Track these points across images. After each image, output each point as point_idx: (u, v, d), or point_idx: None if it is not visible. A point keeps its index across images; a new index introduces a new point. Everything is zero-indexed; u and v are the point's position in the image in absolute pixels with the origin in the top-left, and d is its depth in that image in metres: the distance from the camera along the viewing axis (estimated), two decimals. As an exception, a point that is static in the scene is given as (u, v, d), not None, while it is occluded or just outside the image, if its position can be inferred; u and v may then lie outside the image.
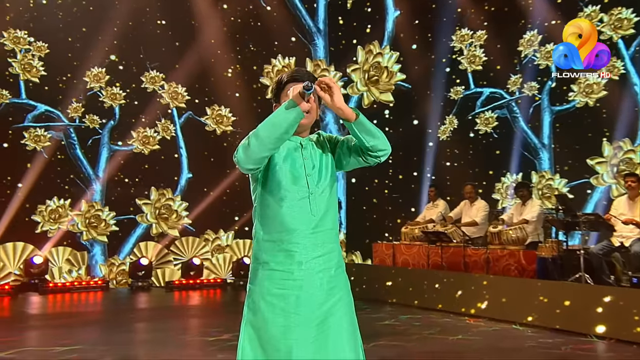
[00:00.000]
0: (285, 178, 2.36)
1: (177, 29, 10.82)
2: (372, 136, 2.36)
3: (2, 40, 9.56)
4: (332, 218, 2.40)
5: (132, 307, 8.22)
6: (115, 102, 10.41)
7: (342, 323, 2.35)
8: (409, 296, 7.76)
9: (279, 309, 2.29)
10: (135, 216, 10.53)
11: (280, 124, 2.23)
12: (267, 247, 2.37)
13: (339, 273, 2.38)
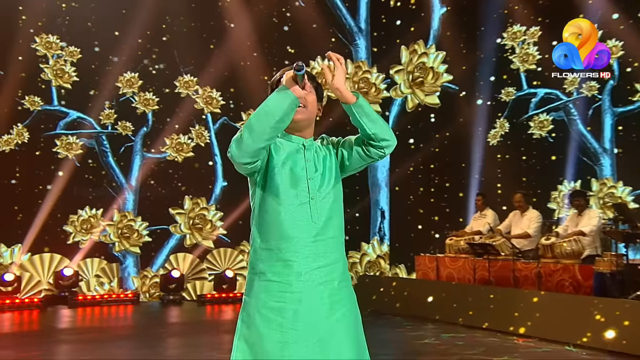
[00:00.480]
0: (284, 181, 2.33)
1: (210, 31, 11.06)
2: (373, 122, 2.34)
3: (34, 45, 9.96)
4: (336, 226, 2.36)
5: (162, 321, 8.42)
6: (148, 107, 10.70)
7: (345, 342, 2.28)
8: (453, 313, 7.67)
9: (275, 323, 2.23)
10: (169, 226, 10.76)
11: (273, 112, 2.19)
12: (264, 256, 2.32)
13: (343, 286, 2.33)
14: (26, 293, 9.44)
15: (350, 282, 2.41)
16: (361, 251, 11.71)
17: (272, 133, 2.21)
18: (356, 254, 11.68)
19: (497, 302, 7.21)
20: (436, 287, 8.28)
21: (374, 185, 11.93)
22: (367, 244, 11.77)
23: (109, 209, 10.37)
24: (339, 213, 2.39)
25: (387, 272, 11.64)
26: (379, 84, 11.82)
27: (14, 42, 9.79)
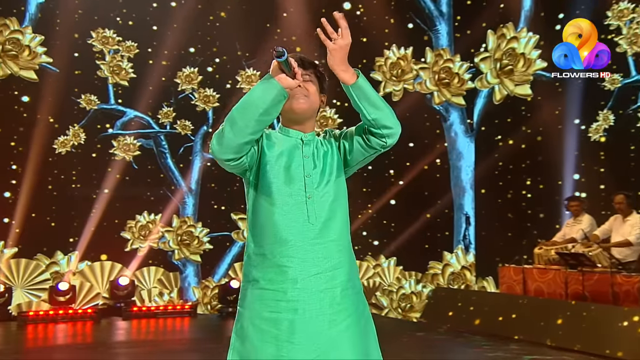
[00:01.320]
0: (278, 179, 2.34)
1: (273, 22, 11.29)
2: (374, 107, 2.32)
3: (90, 41, 10.51)
4: (337, 227, 2.34)
5: (220, 335, 8.64)
6: (208, 105, 11.07)
7: (350, 356, 2.24)
8: (539, 332, 7.54)
9: (269, 336, 2.22)
10: (231, 233, 11.08)
11: (256, 103, 2.19)
12: (257, 262, 2.32)
13: (348, 294, 2.29)
14: (82, 303, 9.98)
15: (357, 289, 2.37)
16: (443, 261, 11.61)
17: (256, 127, 2.21)
18: (437, 264, 11.60)
19: (592, 321, 7.04)
20: (521, 302, 8.17)
21: (457, 187, 11.81)
22: (450, 253, 11.66)
23: (168, 214, 10.79)
24: (341, 213, 2.37)
25: (473, 286, 11.48)
26: (463, 73, 11.69)
27: (70, 38, 10.35)
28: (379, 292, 11.31)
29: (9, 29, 9.99)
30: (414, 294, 11.48)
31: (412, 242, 11.54)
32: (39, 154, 10.05)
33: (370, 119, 2.32)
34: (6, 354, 7.36)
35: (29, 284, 9.87)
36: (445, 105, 11.77)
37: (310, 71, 2.44)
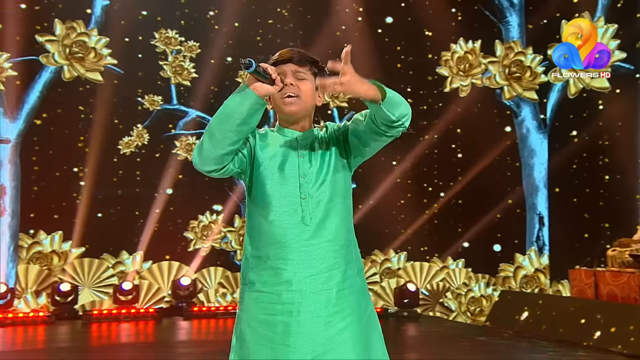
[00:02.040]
0: (273, 180, 2.33)
1: (332, 19, 11.28)
2: (397, 106, 2.23)
3: (153, 42, 10.73)
4: (334, 228, 2.31)
5: None
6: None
7: (349, 357, 2.22)
8: (610, 339, 7.24)
9: (265, 338, 2.24)
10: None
11: (233, 114, 2.16)
12: (254, 265, 2.33)
13: (345, 295, 2.28)
14: (145, 303, 10.21)
15: (357, 288, 2.35)
16: (515, 264, 11.39)
17: (234, 137, 2.19)
18: (509, 266, 11.37)
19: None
20: (591, 307, 7.87)
21: (529, 185, 11.55)
22: (523, 255, 11.41)
23: (229, 214, 11.00)
24: (338, 213, 2.34)
25: (548, 289, 11.23)
26: (535, 66, 11.44)
27: (134, 40, 10.63)
28: (447, 295, 11.20)
29: (75, 31, 10.33)
30: (483, 297, 11.29)
31: (481, 243, 11.34)
32: (104, 155, 10.33)
33: (395, 118, 2.23)
34: (72, 352, 7.62)
35: (95, 283, 10.25)
36: (516, 100, 11.54)
37: (306, 68, 2.40)
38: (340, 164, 2.40)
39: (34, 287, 9.94)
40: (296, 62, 2.38)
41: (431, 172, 11.52)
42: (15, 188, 10.08)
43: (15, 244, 9.99)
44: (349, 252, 2.36)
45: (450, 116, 11.50)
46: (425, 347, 8.49)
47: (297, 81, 2.37)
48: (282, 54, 2.40)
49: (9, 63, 10.07)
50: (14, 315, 9.29)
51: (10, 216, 10.02)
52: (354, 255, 2.40)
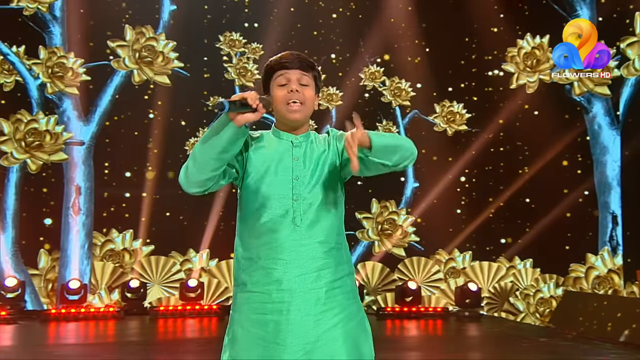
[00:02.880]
0: (265, 182, 2.32)
1: (392, 16, 11.10)
2: (393, 153, 2.25)
3: (218, 44, 10.79)
4: (324, 229, 2.32)
5: None
6: (331, 103, 11.06)
7: (336, 356, 2.23)
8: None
9: (257, 337, 2.26)
10: (355, 232, 10.98)
11: (214, 143, 2.17)
12: (245, 266, 2.34)
13: (334, 295, 2.29)
14: (210, 299, 10.25)
15: (347, 289, 2.34)
16: (587, 264, 10.78)
17: (216, 164, 2.21)
18: (580, 267, 10.81)
19: None
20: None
21: (602, 184, 10.95)
22: (595, 255, 10.82)
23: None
24: (329, 215, 2.35)
25: (622, 291, 10.57)
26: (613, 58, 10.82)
27: (199, 43, 10.71)
28: (514, 295, 10.72)
29: (144, 36, 10.50)
30: (553, 298, 10.78)
31: (551, 243, 10.86)
32: (172, 156, 10.43)
33: (391, 164, 2.27)
34: (140, 345, 7.75)
35: (164, 280, 10.32)
36: (587, 95, 10.93)
37: (309, 75, 2.40)
38: (334, 169, 2.40)
39: (107, 284, 10.08)
40: (300, 68, 2.38)
41: (497, 170, 11.16)
42: (89, 188, 10.34)
43: (89, 242, 10.23)
44: (339, 254, 2.37)
45: (516, 113, 11.16)
46: (483, 347, 8.32)
47: (301, 88, 2.36)
48: (285, 59, 2.40)
49: (83, 68, 10.37)
50: (86, 310, 9.55)
51: (84, 215, 10.26)
52: (344, 257, 2.40)
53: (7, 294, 9.37)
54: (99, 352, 7.34)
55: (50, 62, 10.14)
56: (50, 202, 10.22)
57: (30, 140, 10.01)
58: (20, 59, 10.09)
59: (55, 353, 7.33)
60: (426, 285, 10.74)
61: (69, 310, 9.41)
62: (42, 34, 10.21)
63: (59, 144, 10.13)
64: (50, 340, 8.20)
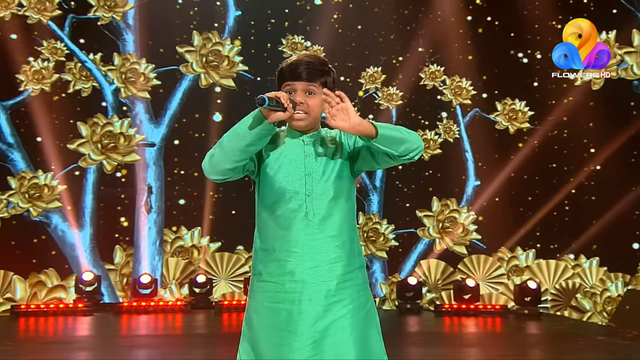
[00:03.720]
0: (279, 179, 2.42)
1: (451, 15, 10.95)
2: (400, 143, 2.30)
3: (281, 47, 10.89)
4: (336, 223, 2.40)
5: (400, 329, 8.63)
6: (392, 103, 10.98)
7: (345, 345, 2.32)
8: None
9: (270, 325, 2.36)
10: (416, 230, 10.87)
11: (243, 135, 2.27)
12: (261, 257, 2.44)
13: (344, 287, 2.37)
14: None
15: (357, 282, 2.42)
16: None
17: (241, 156, 2.31)
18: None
19: None
20: None
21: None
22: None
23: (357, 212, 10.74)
24: (341, 211, 2.42)
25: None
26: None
27: (262, 46, 10.82)
28: (580, 294, 10.29)
29: (211, 41, 10.69)
30: (620, 297, 10.29)
31: (617, 241, 10.54)
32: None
33: (398, 154, 2.33)
34: (206, 337, 7.91)
35: (230, 275, 10.41)
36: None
37: (317, 83, 2.43)
38: (345, 166, 2.47)
39: (177, 279, 10.27)
40: (306, 79, 2.42)
41: (560, 168, 10.84)
42: (160, 187, 10.58)
43: (160, 239, 10.48)
44: (351, 248, 2.45)
45: (582, 110, 10.82)
46: (538, 345, 8.18)
47: (306, 98, 2.43)
48: (294, 70, 2.44)
49: (154, 73, 10.65)
50: (156, 304, 9.77)
51: (155, 213, 10.50)
52: (356, 251, 2.48)
53: (85, 288, 9.70)
54: (168, 343, 7.52)
55: (124, 68, 10.45)
56: (124, 201, 10.51)
57: (105, 142, 10.32)
58: (97, 66, 10.42)
59: (127, 344, 7.56)
60: (488, 283, 10.46)
61: (140, 303, 9.65)
62: (116, 41, 10.53)
63: (132, 145, 10.40)
64: (123, 332, 8.43)
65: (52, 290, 9.78)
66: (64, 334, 8.12)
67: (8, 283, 9.69)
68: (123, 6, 10.41)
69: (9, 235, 9.91)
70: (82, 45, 10.35)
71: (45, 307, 9.35)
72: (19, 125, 10.06)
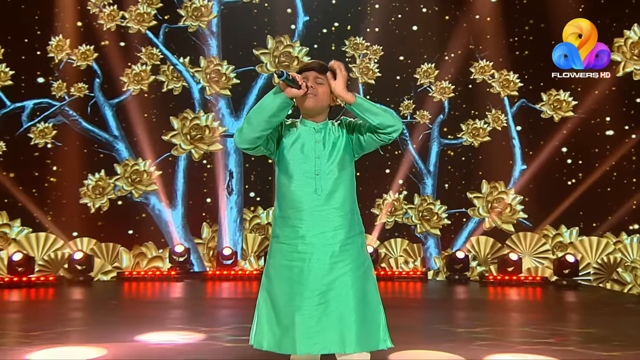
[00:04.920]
0: (294, 160, 2.70)
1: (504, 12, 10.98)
2: (375, 115, 2.65)
3: (344, 48, 11.28)
4: (340, 198, 2.70)
5: (449, 297, 8.88)
6: (444, 96, 11.17)
7: (345, 296, 2.59)
8: None
9: (285, 278, 2.65)
10: (467, 210, 11.07)
11: (267, 109, 2.57)
12: (279, 223, 2.74)
13: (346, 249, 2.65)
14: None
15: (357, 246, 2.70)
16: None
17: (266, 125, 2.59)
18: None
19: None
20: None
21: None
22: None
23: (411, 194, 11.12)
24: (344, 187, 2.72)
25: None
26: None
27: (327, 48, 11.21)
28: (621, 268, 10.28)
29: (282, 44, 11.15)
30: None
31: None
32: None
33: (376, 124, 2.65)
34: None
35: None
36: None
37: (324, 76, 2.74)
38: (347, 151, 2.77)
39: (255, 252, 10.77)
40: (317, 70, 2.75)
41: (603, 153, 10.70)
42: (239, 172, 11.11)
43: (240, 218, 11.02)
44: (352, 217, 2.74)
45: (624, 99, 10.74)
46: (573, 310, 8.25)
47: (316, 85, 2.73)
48: (308, 65, 2.79)
49: (234, 73, 11.08)
50: (236, 272, 10.38)
51: (236, 195, 11.04)
52: (356, 220, 2.77)
53: (178, 258, 10.36)
54: (245, 305, 7.77)
55: (208, 69, 11.01)
56: (209, 185, 11.03)
57: (193, 134, 10.91)
58: (186, 68, 11.00)
59: (212, 305, 8.11)
60: (534, 258, 10.58)
61: (223, 272, 10.23)
62: (202, 46, 11.07)
63: (215, 136, 10.98)
64: (208, 295, 8.88)
65: (151, 260, 10.50)
66: (160, 296, 8.61)
67: (116, 254, 10.48)
68: (208, 16, 11.01)
69: (116, 213, 10.58)
70: (173, 50, 10.93)
71: (145, 274, 10.14)
72: (122, 120, 10.73)
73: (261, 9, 11.16)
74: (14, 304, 7.85)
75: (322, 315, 2.57)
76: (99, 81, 10.67)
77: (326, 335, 2.56)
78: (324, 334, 2.56)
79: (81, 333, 5.80)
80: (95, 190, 10.56)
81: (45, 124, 10.42)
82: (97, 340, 5.27)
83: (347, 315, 2.57)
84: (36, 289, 9.02)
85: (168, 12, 10.93)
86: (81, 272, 9.74)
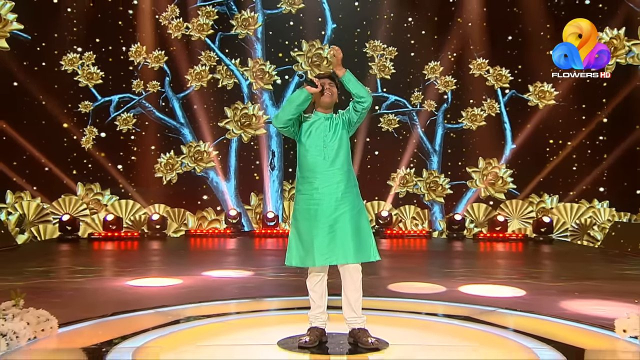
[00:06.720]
0: (310, 138, 3.31)
1: (497, 19, 11.36)
2: (354, 86, 3.23)
3: (364, 50, 11.95)
4: (340, 162, 3.26)
5: (448, 250, 9.50)
6: (447, 88, 11.79)
7: (345, 227, 3.19)
8: None
9: (306, 217, 3.25)
10: (466, 182, 11.75)
11: (295, 100, 3.22)
12: (300, 181, 3.35)
13: (346, 196, 3.23)
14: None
15: (353, 193, 3.26)
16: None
17: (295, 111, 3.22)
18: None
19: None
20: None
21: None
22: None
23: (419, 168, 11.88)
24: (343, 155, 3.29)
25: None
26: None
27: (351, 49, 11.75)
28: (592, 229, 10.90)
29: (314, 47, 11.86)
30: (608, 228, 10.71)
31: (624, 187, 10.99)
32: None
33: (354, 93, 3.24)
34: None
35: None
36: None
37: (334, 82, 3.38)
38: (344, 130, 3.35)
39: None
40: (330, 78, 3.37)
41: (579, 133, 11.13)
42: (280, 152, 11.97)
43: (280, 189, 11.87)
44: (349, 175, 3.31)
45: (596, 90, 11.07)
46: (546, 257, 8.72)
47: (330, 87, 3.35)
48: (323, 74, 3.39)
49: (275, 71, 11.84)
50: (277, 232, 11.15)
51: (278, 170, 11.87)
52: (352, 177, 3.34)
53: (232, 220, 11.26)
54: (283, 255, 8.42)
55: (254, 68, 11.75)
56: (256, 162, 11.81)
57: (243, 121, 11.71)
58: (237, 68, 11.77)
59: (259, 255, 8.90)
60: (521, 220, 11.18)
61: (267, 231, 11.11)
62: (249, 50, 11.81)
63: (260, 123, 11.76)
64: (256, 248, 9.66)
65: (211, 222, 11.45)
66: (218, 249, 9.46)
67: (183, 217, 11.47)
68: (254, 25, 11.78)
69: (183, 185, 11.48)
70: (226, 54, 11.70)
71: (206, 232, 11.11)
72: (186, 110, 11.56)
73: (297, 18, 11.84)
74: (110, 251, 8.94)
75: (331, 240, 3.16)
76: (169, 79, 11.53)
77: (334, 252, 3.17)
78: (333, 252, 3.16)
79: (162, 270, 6.75)
80: (167, 167, 11.47)
81: (128, 114, 11.42)
82: (174, 274, 6.21)
83: (347, 239, 3.16)
84: (125, 242, 10.13)
85: (222, 23, 11.67)
86: (158, 230, 10.82)
